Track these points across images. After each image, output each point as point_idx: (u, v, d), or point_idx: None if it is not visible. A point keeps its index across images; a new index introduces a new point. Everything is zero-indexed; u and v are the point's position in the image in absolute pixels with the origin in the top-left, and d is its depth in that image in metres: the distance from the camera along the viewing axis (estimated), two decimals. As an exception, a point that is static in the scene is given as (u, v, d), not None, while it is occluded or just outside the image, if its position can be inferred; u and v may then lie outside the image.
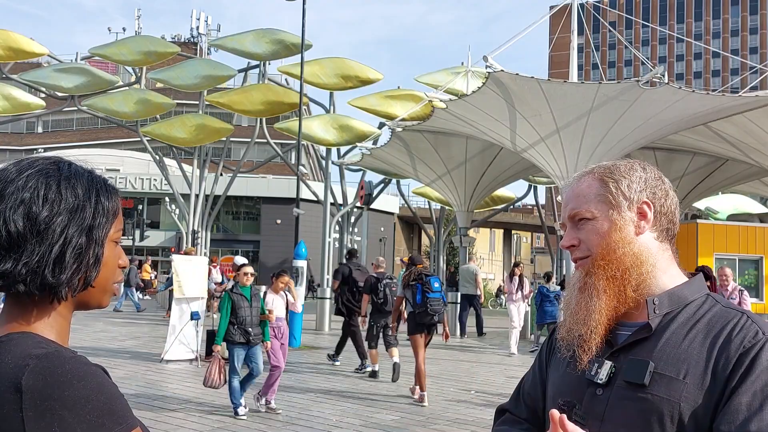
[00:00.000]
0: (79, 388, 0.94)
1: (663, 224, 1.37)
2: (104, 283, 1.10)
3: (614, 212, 1.35)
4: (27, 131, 57.51)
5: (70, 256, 1.02)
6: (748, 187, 30.57)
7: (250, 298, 7.57)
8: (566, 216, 1.42)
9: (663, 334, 1.27)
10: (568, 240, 1.40)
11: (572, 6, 25.18)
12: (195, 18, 58.00)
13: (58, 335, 1.06)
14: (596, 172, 1.41)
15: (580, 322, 1.33)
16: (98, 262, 1.06)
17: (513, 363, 12.44)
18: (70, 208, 1.03)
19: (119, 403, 0.98)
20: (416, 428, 7.02)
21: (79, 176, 1.07)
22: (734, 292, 9.37)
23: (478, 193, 30.85)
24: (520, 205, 49.40)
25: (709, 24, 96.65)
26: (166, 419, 7.00)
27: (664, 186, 1.40)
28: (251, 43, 31.11)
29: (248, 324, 7.40)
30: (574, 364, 1.34)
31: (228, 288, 8.30)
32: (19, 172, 1.04)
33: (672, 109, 18.70)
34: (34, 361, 0.96)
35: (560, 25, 45.15)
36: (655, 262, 1.34)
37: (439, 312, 8.46)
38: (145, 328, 15.94)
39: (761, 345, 1.20)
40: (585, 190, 1.39)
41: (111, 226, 1.09)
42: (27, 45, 30.22)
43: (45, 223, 1.01)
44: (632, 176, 1.38)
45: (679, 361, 1.23)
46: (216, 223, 39.94)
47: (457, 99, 21.38)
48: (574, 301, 1.36)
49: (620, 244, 1.34)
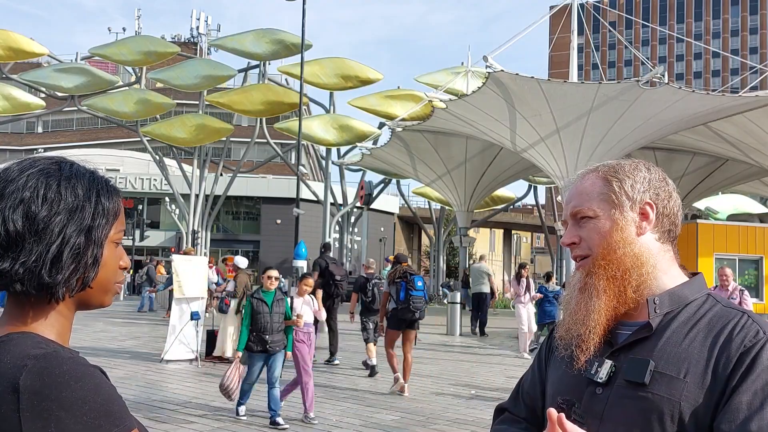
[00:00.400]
0: (77, 389, 0.94)
1: (665, 225, 1.37)
2: (104, 283, 1.10)
3: (616, 212, 1.35)
4: (27, 131, 57.53)
5: (67, 256, 1.02)
6: (748, 187, 30.58)
7: (271, 303, 7.09)
8: (568, 213, 1.42)
9: (663, 334, 1.27)
10: (568, 237, 1.40)
11: (572, 6, 25.18)
12: (195, 18, 58.05)
13: (59, 335, 1.06)
14: (600, 170, 1.41)
15: (579, 322, 1.33)
16: (96, 263, 1.06)
17: (513, 363, 12.44)
18: (70, 208, 1.03)
19: (117, 404, 0.98)
20: (416, 428, 7.02)
21: (80, 176, 1.07)
22: (734, 292, 9.35)
23: (478, 193, 30.86)
24: (520, 205, 49.44)
25: (709, 24, 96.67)
26: (166, 419, 7.00)
27: (668, 187, 1.39)
28: (251, 43, 31.09)
29: (267, 331, 6.96)
30: (573, 363, 1.34)
31: (250, 293, 7.87)
32: (20, 172, 1.04)
33: (672, 109, 18.70)
34: (32, 361, 0.95)
35: (560, 25, 45.16)
36: (656, 263, 1.34)
37: (421, 309, 8.91)
38: (145, 328, 15.95)
39: (762, 344, 1.20)
40: (588, 188, 1.39)
41: (111, 227, 1.09)
42: (27, 45, 30.20)
43: (43, 223, 1.01)
44: (636, 176, 1.38)
45: (679, 360, 1.23)
46: (216, 223, 39.94)
47: (457, 99, 21.38)
48: (573, 301, 1.37)
49: (621, 244, 1.33)
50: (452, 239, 37.43)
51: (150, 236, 44.21)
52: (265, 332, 6.96)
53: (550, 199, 51.59)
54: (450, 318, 17.45)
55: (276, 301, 7.14)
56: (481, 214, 40.50)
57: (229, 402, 7.34)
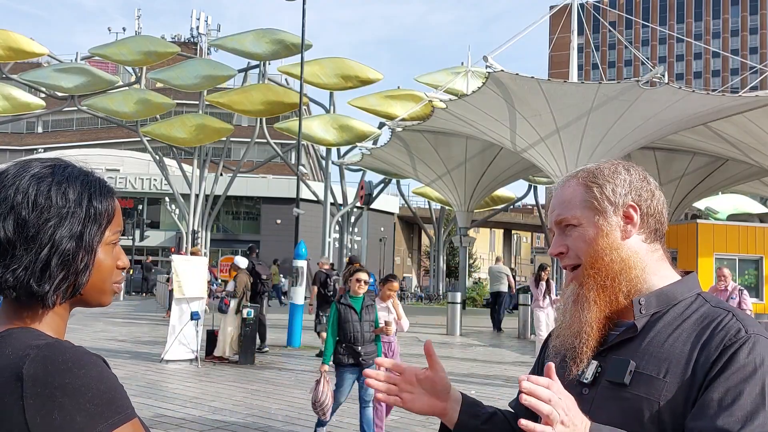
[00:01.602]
0: (80, 376, 0.95)
1: (651, 225, 1.37)
2: (100, 285, 1.10)
3: (600, 218, 1.34)
4: (27, 131, 57.53)
5: (56, 263, 1.02)
6: (748, 187, 30.57)
7: (360, 310, 6.20)
8: (552, 221, 1.41)
9: (648, 334, 1.28)
10: (556, 248, 1.40)
11: (572, 6, 25.18)
12: (195, 18, 58.06)
13: (56, 333, 1.07)
14: (580, 176, 1.40)
15: (573, 335, 1.34)
16: (87, 269, 1.06)
17: (513, 363, 12.45)
18: (60, 213, 1.03)
19: (119, 392, 0.98)
20: (416, 428, 7.02)
21: (72, 180, 1.06)
22: (734, 292, 9.36)
23: (478, 193, 30.86)
24: (520, 205, 49.42)
25: (709, 24, 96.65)
26: (166, 419, 7.00)
27: (650, 186, 1.38)
28: (251, 43, 31.08)
29: (358, 341, 6.10)
30: (563, 368, 1.36)
31: (337, 298, 6.97)
32: (14, 176, 1.04)
33: (672, 109, 18.69)
34: (35, 350, 0.96)
35: (560, 25, 45.15)
36: (645, 265, 1.34)
37: None
38: (145, 328, 15.95)
39: (741, 342, 1.19)
40: (569, 196, 1.39)
41: (104, 231, 1.08)
42: (27, 45, 30.19)
43: (34, 229, 1.01)
44: (616, 180, 1.37)
45: (660, 360, 1.23)
46: (216, 223, 39.93)
47: (457, 99, 21.38)
48: (568, 314, 1.37)
49: (608, 250, 1.33)
50: (452, 239, 37.44)
51: (150, 236, 44.21)
52: (356, 343, 6.11)
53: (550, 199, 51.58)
54: (450, 318, 17.46)
55: (365, 307, 6.27)
56: (481, 214, 40.50)
57: (225, 400, 7.34)
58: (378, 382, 1.37)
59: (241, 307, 11.39)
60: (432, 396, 1.39)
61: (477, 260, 60.06)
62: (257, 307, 11.76)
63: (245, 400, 8.09)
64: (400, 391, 1.37)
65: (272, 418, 7.26)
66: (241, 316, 11.23)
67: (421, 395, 1.38)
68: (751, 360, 1.17)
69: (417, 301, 36.26)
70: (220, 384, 9.16)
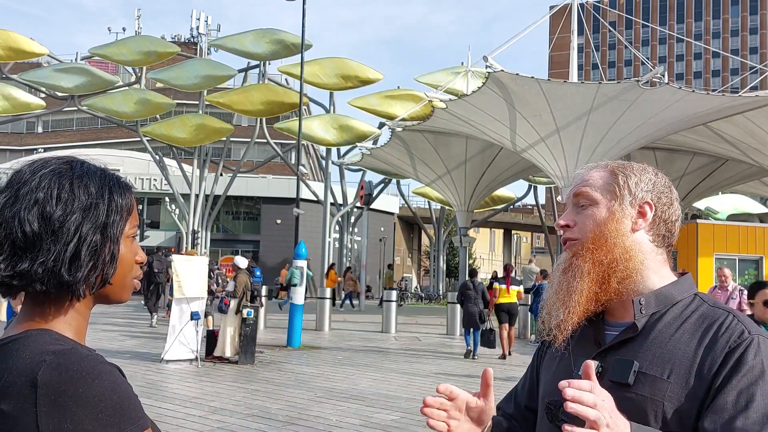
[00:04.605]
0: (94, 386, 0.96)
1: (660, 230, 1.38)
2: (122, 279, 1.11)
3: (615, 203, 1.37)
4: (27, 131, 57.51)
5: (85, 254, 1.04)
6: (748, 187, 30.57)
7: None
8: (570, 194, 1.43)
9: (649, 334, 1.28)
10: (564, 219, 1.42)
11: (572, 6, 25.18)
12: (195, 18, 57.98)
13: (76, 333, 1.08)
14: (609, 164, 1.44)
15: (560, 302, 1.34)
16: (114, 260, 1.08)
17: (513, 363, 12.45)
18: (84, 206, 1.05)
19: (132, 403, 0.99)
20: (416, 428, 7.02)
21: (91, 174, 1.08)
22: (734, 292, 9.36)
23: (478, 193, 30.84)
24: (520, 205, 49.43)
25: (709, 24, 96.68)
26: (166, 419, 7.00)
27: (671, 195, 1.41)
28: (251, 43, 31.07)
29: None
30: (564, 363, 1.36)
31: None
32: (32, 173, 1.06)
33: (672, 109, 18.69)
34: (51, 357, 0.97)
35: (560, 25, 45.17)
36: (645, 260, 1.34)
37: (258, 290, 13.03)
38: (145, 328, 15.96)
39: (747, 344, 1.20)
40: (594, 177, 1.42)
41: (125, 223, 1.11)
42: (27, 45, 30.19)
43: (59, 222, 1.03)
44: (642, 176, 1.40)
45: (663, 360, 1.24)
46: (216, 223, 39.91)
47: (457, 99, 21.38)
48: (556, 281, 1.38)
49: (614, 234, 1.34)
50: (452, 239, 37.40)
51: (150, 236, 44.17)
52: None
53: (550, 199, 51.62)
54: (450, 318, 17.46)
55: None
56: (481, 214, 40.49)
57: (225, 400, 7.34)
58: (433, 410, 1.40)
59: (241, 307, 11.40)
60: (473, 423, 1.42)
61: (477, 260, 60.04)
62: (257, 308, 11.78)
63: (245, 400, 8.09)
64: (449, 418, 1.40)
65: (272, 418, 7.26)
66: (241, 316, 11.24)
67: (464, 422, 1.41)
68: (759, 361, 1.19)
69: (417, 301, 36.25)
70: (220, 384, 9.17)
